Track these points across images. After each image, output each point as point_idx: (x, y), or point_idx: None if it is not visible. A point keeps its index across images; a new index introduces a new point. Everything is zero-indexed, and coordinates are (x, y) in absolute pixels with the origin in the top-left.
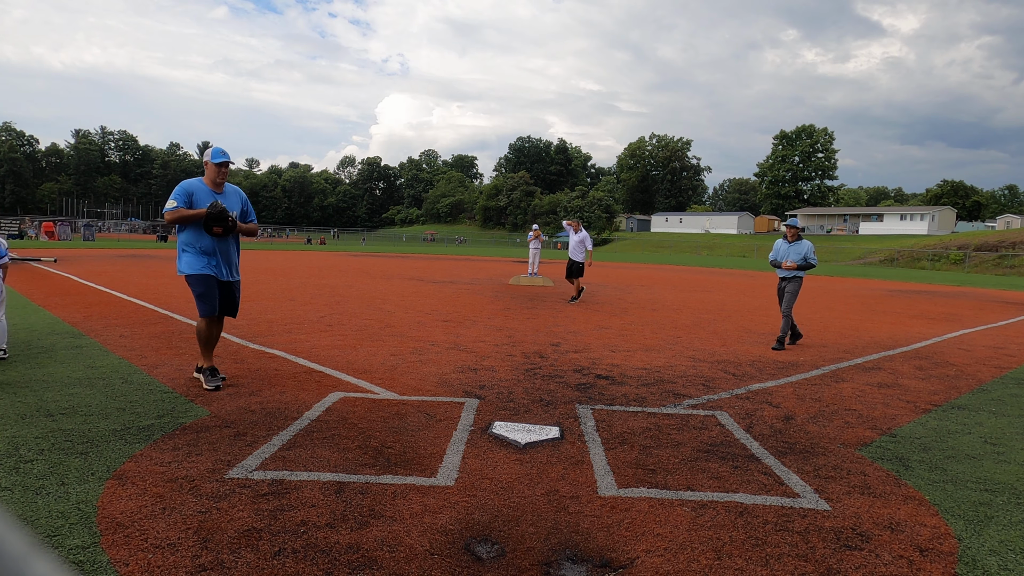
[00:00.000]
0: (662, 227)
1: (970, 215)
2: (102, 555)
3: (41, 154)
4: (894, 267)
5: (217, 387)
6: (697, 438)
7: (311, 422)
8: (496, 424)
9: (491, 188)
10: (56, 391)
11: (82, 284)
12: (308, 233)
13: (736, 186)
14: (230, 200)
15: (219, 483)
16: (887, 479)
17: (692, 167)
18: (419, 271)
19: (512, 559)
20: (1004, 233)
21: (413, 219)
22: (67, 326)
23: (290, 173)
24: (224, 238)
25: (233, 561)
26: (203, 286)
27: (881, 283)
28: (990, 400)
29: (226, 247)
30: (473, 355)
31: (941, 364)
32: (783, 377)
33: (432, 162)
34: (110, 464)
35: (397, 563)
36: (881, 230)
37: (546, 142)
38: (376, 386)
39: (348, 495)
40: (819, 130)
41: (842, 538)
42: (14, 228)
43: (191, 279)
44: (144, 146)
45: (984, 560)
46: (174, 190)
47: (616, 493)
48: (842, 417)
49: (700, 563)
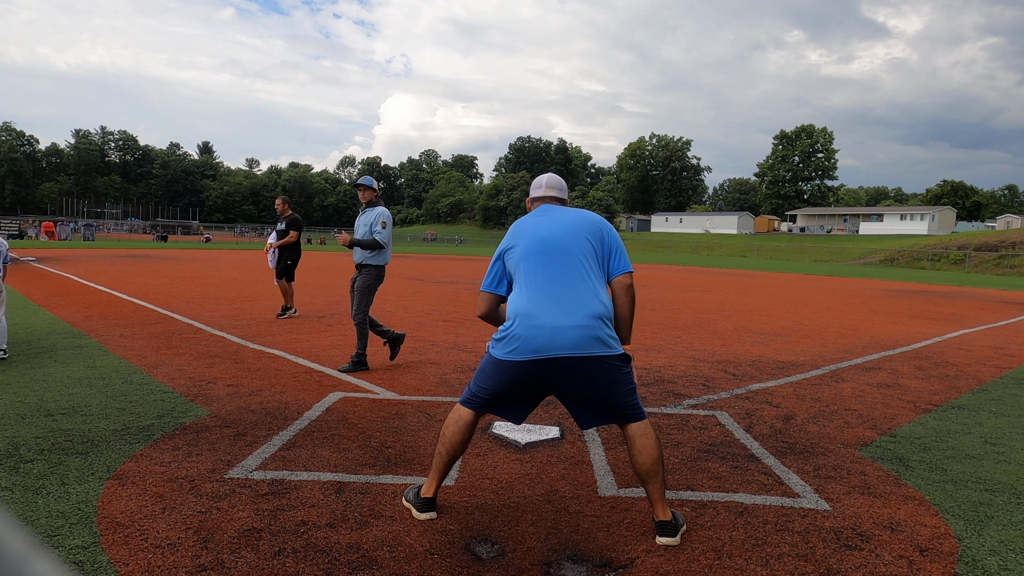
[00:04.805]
0: (662, 227)
1: (970, 215)
2: (102, 555)
3: (41, 154)
4: (894, 267)
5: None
6: (697, 438)
7: (311, 422)
8: (496, 424)
9: (491, 188)
10: (56, 391)
11: (82, 284)
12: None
13: (736, 186)
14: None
15: (219, 483)
16: (887, 479)
17: (692, 167)
18: (419, 271)
19: (512, 559)
20: (1004, 233)
21: (413, 219)
22: (67, 326)
23: (290, 173)
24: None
25: (233, 561)
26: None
27: (881, 283)
28: (990, 400)
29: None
30: (473, 355)
31: (941, 364)
32: (783, 377)
33: (432, 162)
34: (110, 464)
35: (397, 563)
36: (881, 230)
37: (546, 142)
38: (376, 386)
39: (348, 495)
40: (819, 130)
41: (842, 538)
42: (14, 228)
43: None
44: (144, 146)
45: (984, 560)
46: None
47: (616, 493)
48: (842, 417)
49: (700, 563)
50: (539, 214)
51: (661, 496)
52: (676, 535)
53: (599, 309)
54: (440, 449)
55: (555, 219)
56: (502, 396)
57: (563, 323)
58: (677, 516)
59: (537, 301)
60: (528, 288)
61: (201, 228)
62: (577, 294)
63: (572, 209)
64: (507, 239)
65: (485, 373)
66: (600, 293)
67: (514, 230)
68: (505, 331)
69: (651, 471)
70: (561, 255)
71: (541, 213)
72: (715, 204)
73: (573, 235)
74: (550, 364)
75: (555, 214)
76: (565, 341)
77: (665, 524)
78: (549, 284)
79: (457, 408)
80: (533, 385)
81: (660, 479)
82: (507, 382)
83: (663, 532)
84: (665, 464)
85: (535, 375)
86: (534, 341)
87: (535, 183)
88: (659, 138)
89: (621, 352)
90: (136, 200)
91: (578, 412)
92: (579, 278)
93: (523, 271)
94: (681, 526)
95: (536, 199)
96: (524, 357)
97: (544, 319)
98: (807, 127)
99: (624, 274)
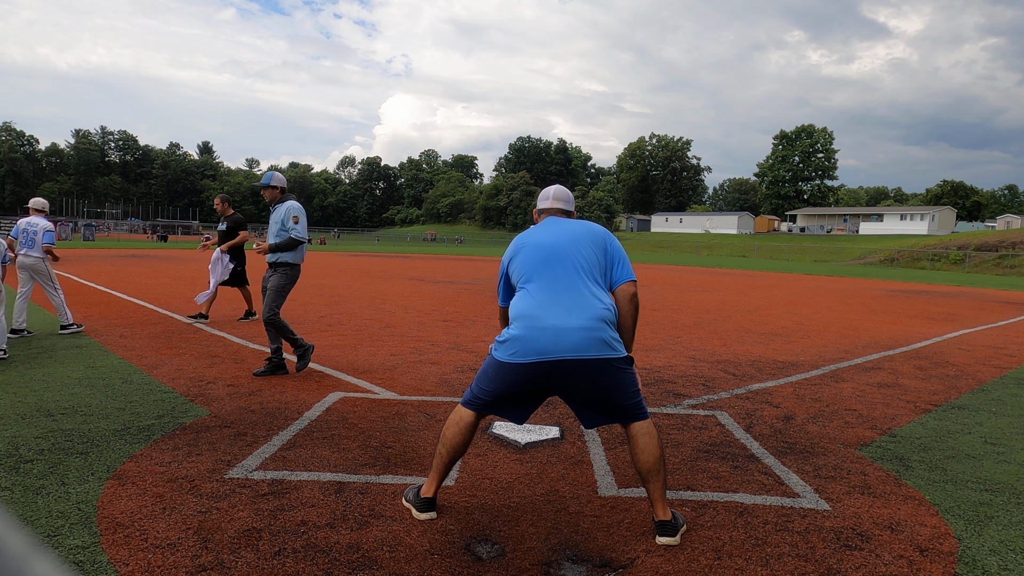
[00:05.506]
0: (662, 227)
1: (970, 215)
2: (102, 555)
3: (41, 154)
4: (894, 267)
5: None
6: (697, 438)
7: (311, 422)
8: (496, 424)
9: (491, 188)
10: (56, 391)
11: (82, 284)
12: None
13: (736, 186)
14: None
15: (219, 483)
16: (887, 479)
17: (692, 167)
18: (419, 271)
19: (512, 559)
20: (1004, 233)
21: (413, 219)
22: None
23: (290, 173)
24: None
25: (233, 561)
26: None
27: (881, 283)
28: (990, 400)
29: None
30: (473, 355)
31: (941, 364)
32: (783, 377)
33: (432, 162)
34: (110, 464)
35: (397, 563)
36: (881, 230)
37: (547, 142)
38: (376, 386)
39: (348, 495)
40: (819, 130)
41: (842, 538)
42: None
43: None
44: (144, 146)
45: (984, 560)
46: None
47: (616, 493)
48: (842, 417)
49: (700, 563)
50: (543, 226)
51: (662, 496)
52: (676, 535)
53: (603, 312)
54: (441, 450)
55: (558, 230)
56: (504, 398)
57: (568, 325)
58: (677, 516)
59: (540, 304)
60: (531, 292)
61: (200, 228)
62: (580, 297)
63: (576, 220)
64: (509, 251)
65: (487, 375)
66: (603, 297)
67: (516, 242)
68: (508, 334)
69: (653, 470)
70: (563, 263)
71: (545, 225)
72: (715, 204)
73: (575, 244)
74: (556, 366)
75: (559, 225)
76: (570, 343)
77: (665, 524)
78: (552, 288)
79: (458, 409)
80: (537, 387)
81: (661, 478)
82: (510, 384)
83: (663, 532)
84: (667, 464)
85: (539, 377)
86: (538, 343)
87: (542, 195)
88: (659, 138)
89: (625, 355)
90: (136, 200)
91: (582, 412)
92: (582, 284)
93: (526, 278)
94: (681, 526)
95: (543, 211)
96: (528, 359)
97: (548, 321)
98: (807, 127)
99: (627, 283)
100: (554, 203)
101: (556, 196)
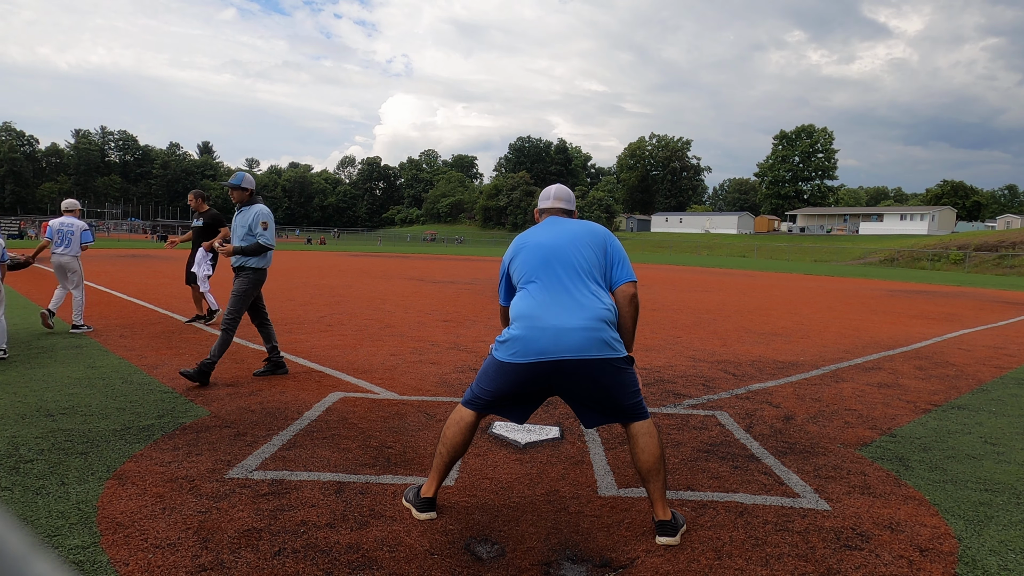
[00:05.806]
0: (662, 227)
1: (970, 215)
2: (102, 555)
3: (41, 154)
4: (894, 267)
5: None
6: (697, 438)
7: (311, 422)
8: (496, 424)
9: (491, 188)
10: (56, 391)
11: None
12: (308, 233)
13: (736, 186)
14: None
15: (219, 483)
16: (887, 479)
17: (692, 167)
18: (419, 271)
19: (512, 559)
20: (1004, 233)
21: (413, 219)
22: (67, 326)
23: (290, 173)
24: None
25: (233, 561)
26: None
27: (881, 283)
28: (990, 400)
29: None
30: (473, 355)
31: (941, 364)
32: (783, 377)
33: (432, 162)
34: (110, 464)
35: (397, 563)
36: (881, 230)
37: (546, 142)
38: (376, 386)
39: (348, 495)
40: (819, 130)
41: (842, 538)
42: (14, 228)
43: None
44: (144, 146)
45: (984, 560)
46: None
47: (616, 493)
48: (842, 417)
49: (700, 563)
50: (544, 226)
51: (662, 495)
52: (676, 535)
53: (603, 312)
54: (441, 450)
55: (558, 230)
56: (505, 398)
57: (568, 325)
58: (677, 516)
59: (540, 304)
60: (531, 292)
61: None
62: (580, 297)
63: (577, 220)
64: (510, 250)
65: (488, 375)
66: (603, 297)
67: (517, 242)
68: (508, 334)
69: (653, 470)
70: (563, 263)
71: (546, 225)
72: (715, 204)
73: (575, 245)
74: (556, 366)
75: (559, 225)
76: (571, 343)
77: (665, 524)
78: (552, 288)
79: (459, 409)
80: (537, 387)
81: (661, 478)
82: (510, 384)
83: (663, 532)
84: (667, 464)
85: (540, 377)
86: (538, 343)
87: (543, 194)
88: (659, 138)
89: (626, 355)
90: (136, 200)
91: (582, 412)
92: (581, 284)
93: (526, 278)
94: (681, 526)
95: (544, 210)
96: (528, 359)
97: (548, 321)
98: (807, 127)
99: (627, 283)
100: (555, 203)
101: (557, 196)
